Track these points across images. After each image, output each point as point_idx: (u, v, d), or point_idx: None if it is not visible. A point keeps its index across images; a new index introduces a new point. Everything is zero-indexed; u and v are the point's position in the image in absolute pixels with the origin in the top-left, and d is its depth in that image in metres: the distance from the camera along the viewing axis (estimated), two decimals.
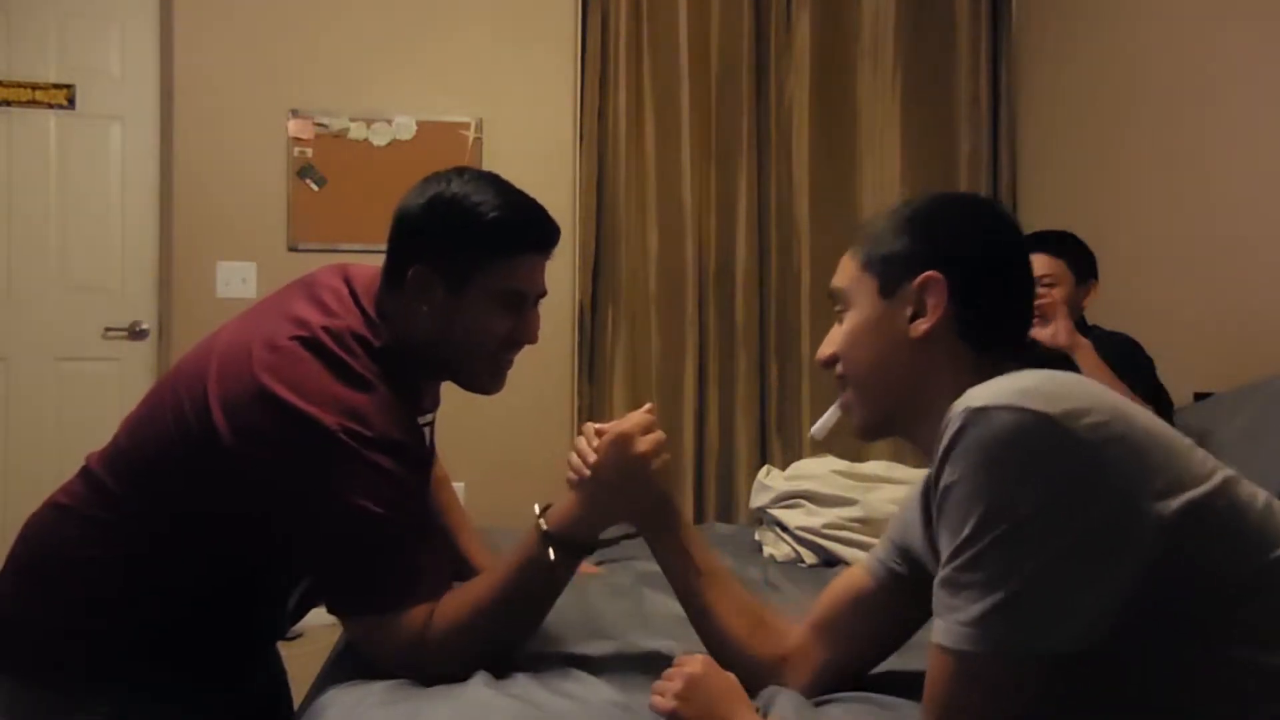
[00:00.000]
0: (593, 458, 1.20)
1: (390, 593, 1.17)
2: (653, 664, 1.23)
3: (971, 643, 0.80)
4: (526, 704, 1.07)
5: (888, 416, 1.06)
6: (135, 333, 3.45)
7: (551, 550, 1.18)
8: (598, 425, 1.23)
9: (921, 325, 1.01)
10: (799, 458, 3.12)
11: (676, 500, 1.30)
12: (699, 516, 3.43)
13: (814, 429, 1.16)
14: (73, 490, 1.31)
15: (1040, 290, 2.28)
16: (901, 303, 1.02)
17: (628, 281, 3.47)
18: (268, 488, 1.19)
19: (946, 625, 0.82)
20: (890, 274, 1.04)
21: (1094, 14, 3.23)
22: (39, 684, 1.28)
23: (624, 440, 1.19)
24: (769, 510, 2.25)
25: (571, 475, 1.22)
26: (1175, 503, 0.81)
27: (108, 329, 3.44)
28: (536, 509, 1.24)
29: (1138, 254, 2.91)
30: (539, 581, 1.21)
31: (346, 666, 1.23)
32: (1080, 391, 0.84)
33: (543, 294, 1.36)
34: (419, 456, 1.26)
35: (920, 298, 1.01)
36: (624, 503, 1.24)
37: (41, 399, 3.40)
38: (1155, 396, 2.22)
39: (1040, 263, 2.33)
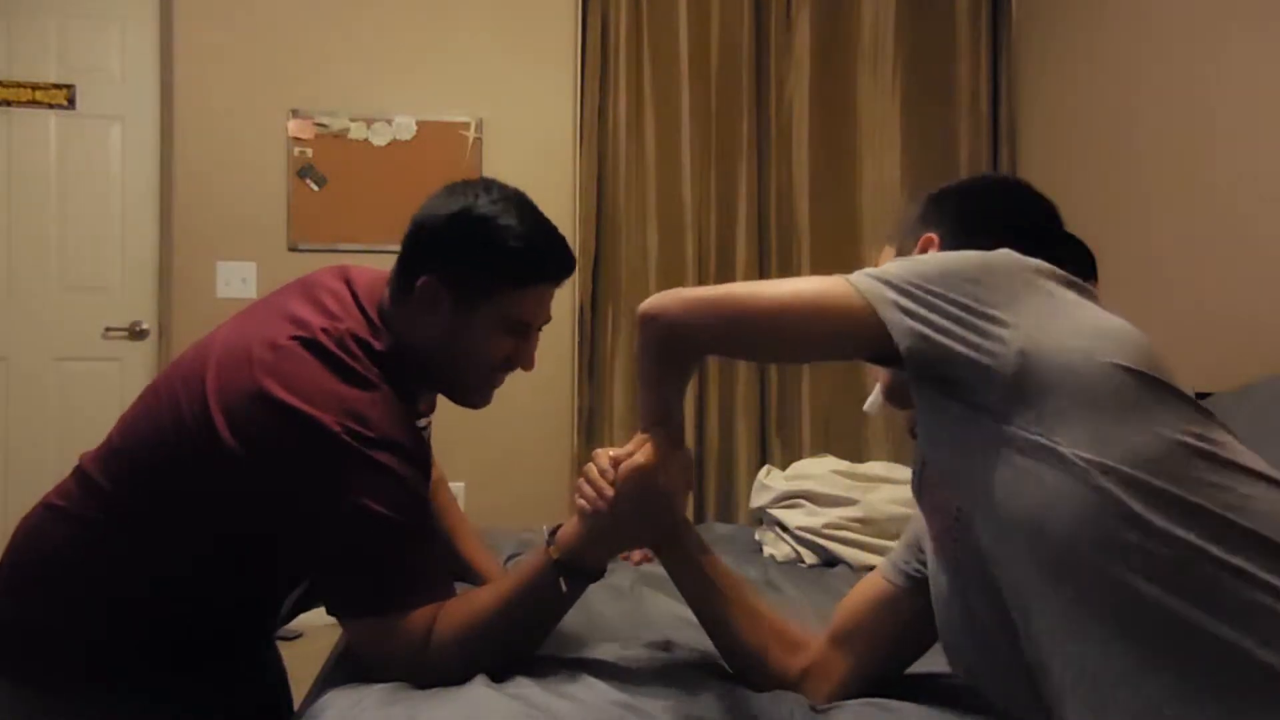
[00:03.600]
0: (609, 490, 1.16)
1: (392, 594, 1.16)
2: (653, 664, 1.23)
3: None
4: (526, 704, 1.07)
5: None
6: (135, 333, 3.45)
7: (563, 580, 1.17)
8: (612, 452, 1.18)
9: None
10: (799, 458, 3.13)
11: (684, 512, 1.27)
12: (699, 516, 3.43)
13: (866, 405, 1.20)
14: (66, 491, 1.30)
15: None
16: None
17: (628, 281, 3.47)
18: (267, 488, 1.18)
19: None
20: (904, 242, 1.15)
21: (1094, 14, 3.23)
22: (35, 685, 1.27)
23: (644, 474, 1.15)
24: (769, 510, 2.25)
25: (583, 504, 1.18)
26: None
27: (108, 329, 3.45)
28: (545, 531, 1.23)
29: (1138, 254, 2.91)
30: (546, 604, 1.20)
31: (346, 668, 1.23)
32: None
33: (547, 321, 1.36)
34: (420, 457, 1.25)
35: None
36: (640, 531, 1.21)
37: (41, 399, 3.40)
38: None
39: None
